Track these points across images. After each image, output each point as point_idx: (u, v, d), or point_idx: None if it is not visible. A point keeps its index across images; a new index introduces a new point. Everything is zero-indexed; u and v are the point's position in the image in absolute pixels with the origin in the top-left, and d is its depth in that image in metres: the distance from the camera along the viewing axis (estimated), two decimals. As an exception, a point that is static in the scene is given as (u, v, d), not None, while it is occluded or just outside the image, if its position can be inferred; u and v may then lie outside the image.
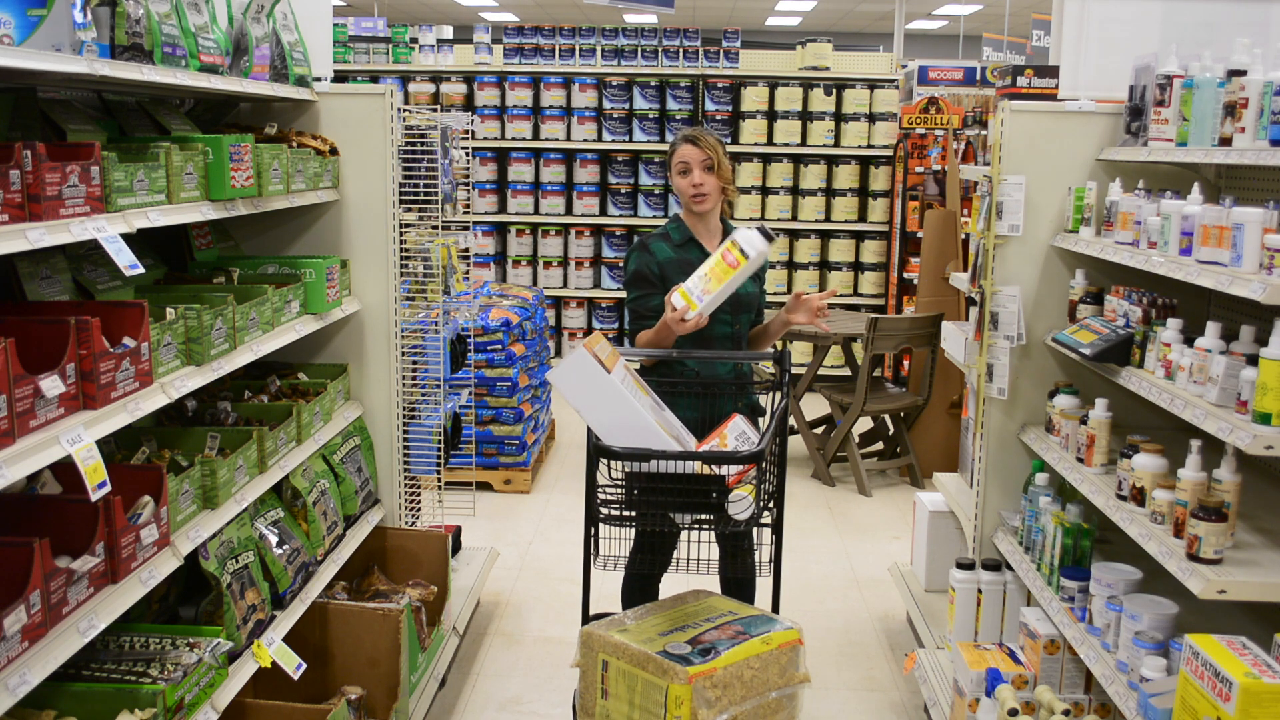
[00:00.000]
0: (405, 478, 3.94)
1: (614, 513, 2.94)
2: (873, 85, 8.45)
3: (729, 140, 8.38)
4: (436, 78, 8.62)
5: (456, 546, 4.58)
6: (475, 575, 4.38)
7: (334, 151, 3.59)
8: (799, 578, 4.95)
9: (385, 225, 3.66)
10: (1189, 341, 2.69)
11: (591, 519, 2.98)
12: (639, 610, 2.89)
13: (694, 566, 3.11)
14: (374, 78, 8.47)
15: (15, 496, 2.30)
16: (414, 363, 4.12)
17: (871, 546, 5.45)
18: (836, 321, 6.78)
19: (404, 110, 3.90)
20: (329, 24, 3.83)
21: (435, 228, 4.12)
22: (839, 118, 8.45)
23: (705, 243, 3.37)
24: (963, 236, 6.42)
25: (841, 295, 8.55)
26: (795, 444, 6.88)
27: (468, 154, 4.82)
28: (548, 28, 8.60)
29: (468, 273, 4.60)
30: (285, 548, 3.01)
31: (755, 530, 3.16)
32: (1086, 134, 3.51)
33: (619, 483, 2.88)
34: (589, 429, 2.85)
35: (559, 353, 8.62)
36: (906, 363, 7.46)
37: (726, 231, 3.40)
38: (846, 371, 7.65)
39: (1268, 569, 2.46)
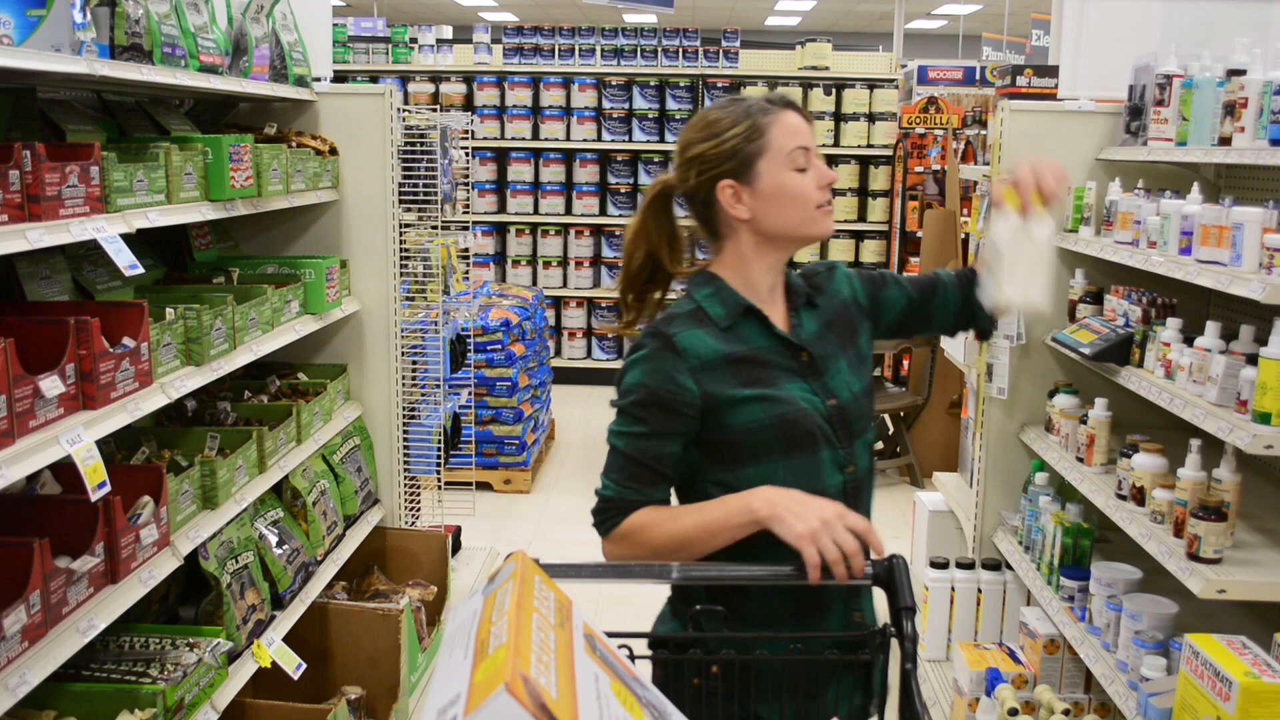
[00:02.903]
0: (405, 478, 3.94)
1: None
2: (872, 85, 8.45)
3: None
4: (436, 78, 8.62)
5: (456, 546, 4.58)
6: (475, 575, 4.39)
7: (333, 151, 3.59)
8: (799, 577, 4.93)
9: (385, 225, 3.66)
10: (1189, 341, 2.69)
11: None
12: None
13: None
14: (373, 78, 8.46)
15: (15, 496, 2.31)
16: (414, 363, 4.12)
17: (871, 546, 5.44)
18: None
19: (403, 110, 3.90)
20: (328, 24, 3.83)
21: (435, 228, 4.12)
22: (838, 117, 8.45)
23: (770, 310, 1.84)
24: (962, 236, 6.42)
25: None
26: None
27: (467, 154, 4.82)
28: (547, 28, 8.60)
29: (467, 272, 4.60)
30: (285, 548, 3.01)
31: None
32: (1086, 133, 3.50)
33: None
34: None
35: (559, 352, 8.61)
36: (906, 362, 7.46)
37: (790, 285, 1.90)
38: (846, 371, 7.63)
39: (1267, 568, 2.46)
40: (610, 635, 1.55)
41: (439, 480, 4.36)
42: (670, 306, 1.85)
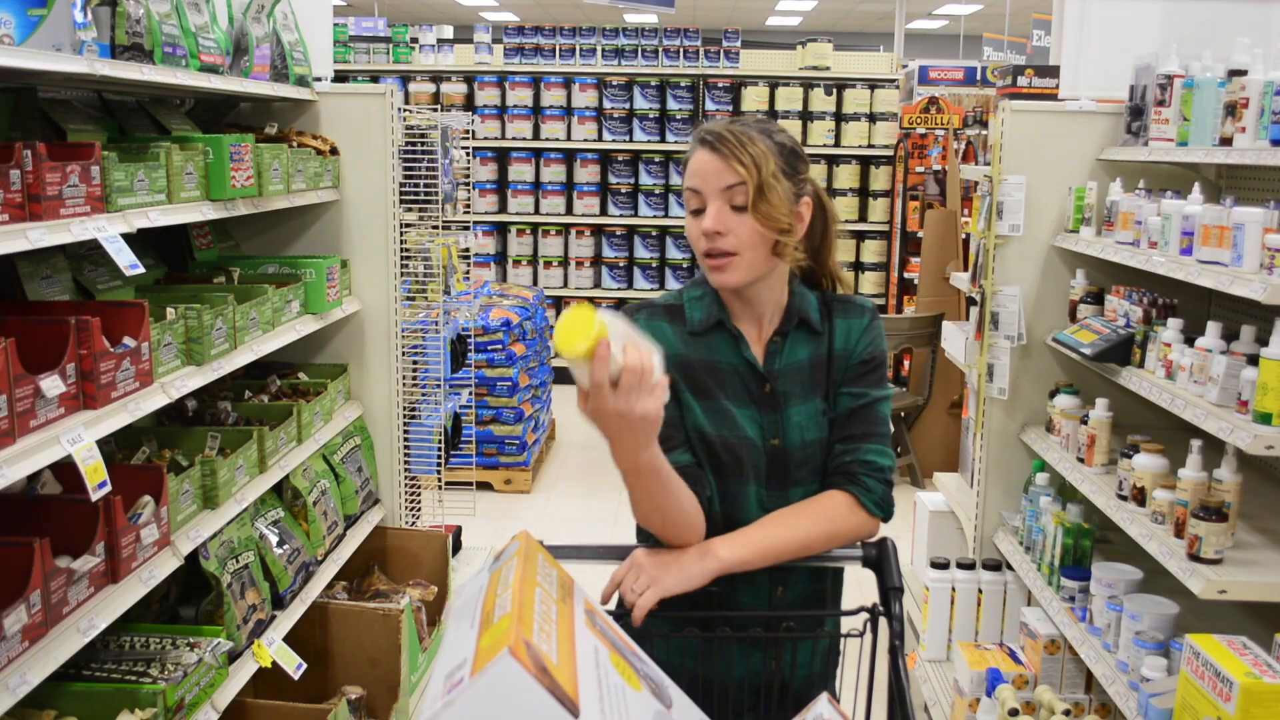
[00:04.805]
0: (405, 478, 3.94)
1: None
2: (873, 85, 8.45)
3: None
4: (437, 77, 8.62)
5: (457, 546, 4.58)
6: (476, 575, 4.39)
7: (334, 151, 3.59)
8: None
9: (385, 225, 3.66)
10: (1189, 341, 2.69)
11: None
12: None
13: None
14: (374, 77, 8.47)
15: (15, 496, 2.31)
16: (414, 363, 4.12)
17: (872, 546, 5.44)
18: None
19: (404, 110, 3.91)
20: (329, 24, 3.84)
21: (435, 227, 4.12)
22: (839, 117, 8.46)
23: (747, 328, 1.82)
24: (963, 236, 6.42)
25: (842, 295, 8.56)
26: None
27: (468, 154, 4.82)
28: (548, 27, 8.60)
29: (468, 272, 4.60)
30: (285, 547, 3.01)
31: None
32: (1087, 134, 3.50)
33: None
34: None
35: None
36: (907, 362, 7.46)
37: (796, 307, 1.83)
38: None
39: (1268, 569, 2.46)
40: (613, 614, 1.59)
41: (439, 480, 4.37)
42: (654, 298, 1.84)
